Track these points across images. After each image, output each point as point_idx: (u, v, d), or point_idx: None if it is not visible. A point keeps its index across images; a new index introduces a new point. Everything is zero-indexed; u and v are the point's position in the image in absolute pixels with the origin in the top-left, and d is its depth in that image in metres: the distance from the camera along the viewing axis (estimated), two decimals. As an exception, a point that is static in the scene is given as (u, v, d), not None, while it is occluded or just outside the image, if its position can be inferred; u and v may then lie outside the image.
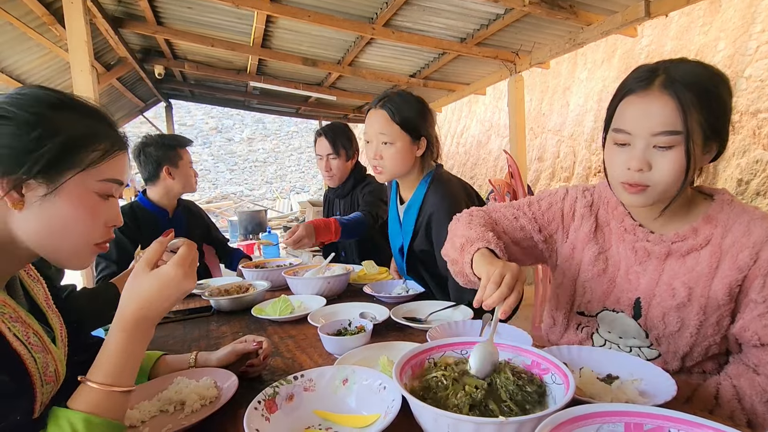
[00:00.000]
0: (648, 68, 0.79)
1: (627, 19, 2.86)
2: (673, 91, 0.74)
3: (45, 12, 3.01)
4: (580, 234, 0.98)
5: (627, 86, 0.80)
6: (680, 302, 0.82)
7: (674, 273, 0.84)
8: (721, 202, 0.84)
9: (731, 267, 0.78)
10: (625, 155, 0.79)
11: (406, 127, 1.32)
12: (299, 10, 3.22)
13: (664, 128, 0.74)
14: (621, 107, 0.81)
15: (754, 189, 3.35)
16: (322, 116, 7.74)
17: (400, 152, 1.32)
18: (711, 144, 0.78)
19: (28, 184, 0.58)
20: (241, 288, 1.51)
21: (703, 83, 0.75)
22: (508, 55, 3.83)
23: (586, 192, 1.02)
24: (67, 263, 0.66)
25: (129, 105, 6.26)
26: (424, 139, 1.34)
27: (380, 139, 1.33)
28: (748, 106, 3.49)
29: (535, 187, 5.63)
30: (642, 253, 0.88)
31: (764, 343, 0.76)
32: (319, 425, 0.70)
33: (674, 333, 0.83)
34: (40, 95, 0.61)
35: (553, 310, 1.06)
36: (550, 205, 1.04)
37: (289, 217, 9.31)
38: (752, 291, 0.77)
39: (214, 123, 14.01)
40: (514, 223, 1.03)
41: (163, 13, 3.69)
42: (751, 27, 3.61)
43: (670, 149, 0.75)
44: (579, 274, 0.98)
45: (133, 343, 0.61)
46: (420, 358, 0.76)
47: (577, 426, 0.54)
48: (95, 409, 0.57)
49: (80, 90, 2.42)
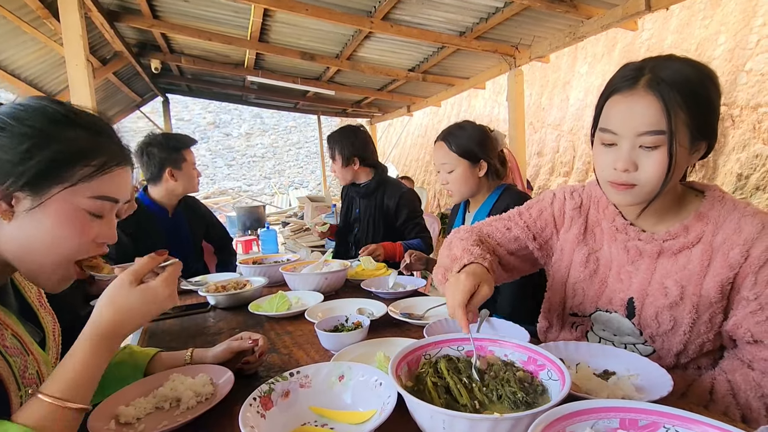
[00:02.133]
0: (634, 67, 0.78)
1: (627, 12, 2.83)
2: (658, 91, 0.73)
3: (39, 5, 2.97)
4: (569, 236, 0.98)
5: (613, 85, 0.79)
6: (673, 301, 0.82)
7: (666, 271, 0.84)
8: (712, 199, 0.83)
9: (723, 264, 0.78)
10: (612, 155, 0.79)
11: (463, 154, 1.46)
12: (297, 4, 3.19)
13: (649, 128, 0.74)
14: (607, 107, 0.80)
15: (753, 183, 3.35)
16: (321, 111, 7.70)
17: (461, 176, 1.47)
18: (699, 143, 0.78)
19: (16, 196, 0.58)
20: (238, 284, 1.50)
21: (690, 83, 0.74)
22: (507, 49, 3.80)
23: (574, 193, 1.01)
24: (45, 282, 0.63)
25: (126, 100, 6.22)
26: (483, 161, 1.47)
27: (444, 168, 1.50)
28: (748, 100, 3.47)
29: (534, 182, 5.63)
30: (634, 253, 0.88)
31: (757, 340, 0.76)
32: (315, 422, 0.70)
33: (668, 331, 0.83)
34: (43, 109, 0.60)
35: (546, 313, 1.06)
36: (540, 211, 1.04)
37: (287, 212, 9.29)
38: (744, 288, 0.77)
39: (212, 118, 13.94)
40: (507, 234, 1.04)
41: (159, 6, 3.66)
42: (752, 20, 3.59)
43: (655, 149, 0.75)
44: (569, 276, 0.98)
45: (98, 356, 0.59)
46: (416, 355, 0.76)
47: (573, 422, 0.54)
48: (40, 423, 0.53)
49: (75, 84, 2.41)
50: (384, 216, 2.11)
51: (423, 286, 1.53)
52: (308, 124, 14.39)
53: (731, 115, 3.58)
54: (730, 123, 3.58)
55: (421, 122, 9.75)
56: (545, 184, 5.51)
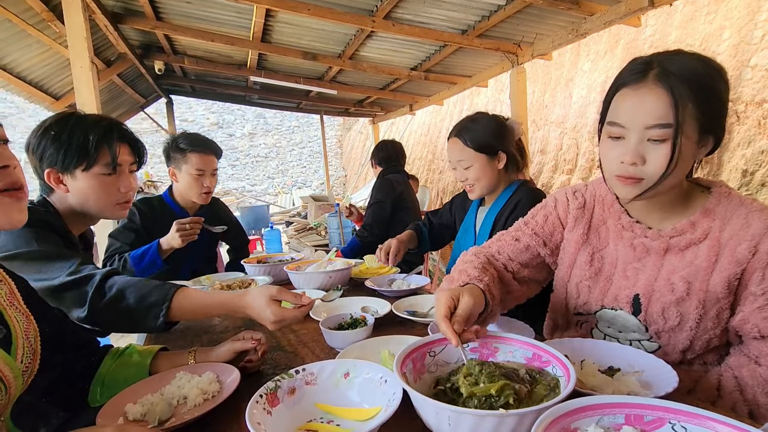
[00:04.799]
0: (642, 61, 0.79)
1: (630, 8, 2.81)
2: (667, 84, 0.73)
3: (44, 8, 2.99)
4: (574, 236, 0.98)
5: (621, 79, 0.80)
6: (679, 297, 0.81)
7: (673, 268, 0.84)
8: (719, 195, 0.83)
9: (730, 260, 0.78)
10: (620, 149, 0.79)
11: (480, 148, 1.42)
12: (299, 4, 3.19)
13: (658, 121, 0.74)
14: (615, 100, 0.80)
15: (759, 180, 3.32)
16: (324, 111, 7.70)
17: (481, 171, 1.43)
18: (707, 137, 0.78)
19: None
20: (243, 283, 1.51)
21: (699, 77, 0.74)
22: (509, 47, 3.79)
23: (576, 193, 1.01)
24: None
25: (130, 101, 6.25)
26: (501, 153, 1.43)
27: (460, 165, 1.46)
28: (753, 96, 3.45)
29: (537, 181, 5.61)
30: (641, 250, 0.88)
31: (764, 335, 0.76)
32: (321, 418, 0.71)
33: (674, 327, 0.83)
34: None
35: (551, 312, 1.07)
36: (545, 217, 1.04)
37: (291, 212, 9.31)
38: (751, 284, 0.77)
39: (215, 118, 13.98)
40: (517, 245, 1.03)
41: (162, 8, 3.67)
42: (756, 15, 3.56)
43: (663, 142, 0.75)
44: (572, 276, 0.98)
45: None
46: (421, 352, 0.76)
47: (578, 418, 0.54)
48: None
49: (80, 86, 2.42)
50: None
51: (427, 284, 1.53)
52: (311, 123, 14.40)
53: (736, 111, 3.56)
54: (735, 119, 3.56)
55: (423, 121, 9.73)
56: (548, 182, 5.49)
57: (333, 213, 4.86)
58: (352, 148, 13.80)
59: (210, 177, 1.81)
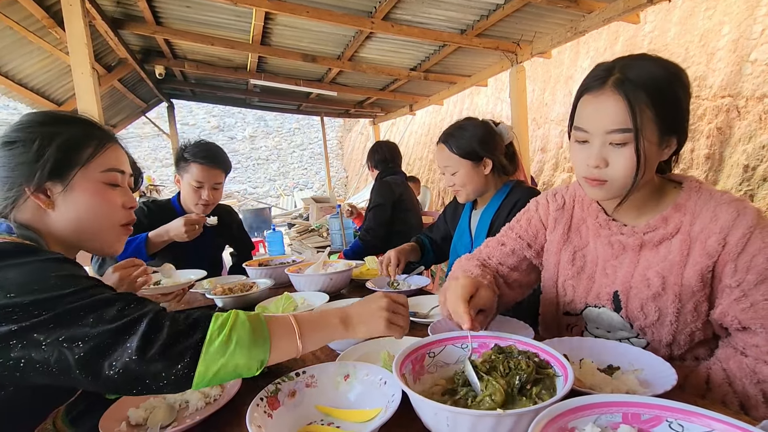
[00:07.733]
0: (605, 67, 0.81)
1: (629, 5, 2.81)
2: (623, 90, 0.76)
3: (44, 15, 3.01)
4: (555, 237, 1.01)
5: (585, 85, 0.83)
6: (655, 292, 0.83)
7: (648, 263, 0.86)
8: (689, 190, 0.85)
9: (701, 253, 0.79)
10: (585, 152, 0.82)
11: (464, 155, 1.44)
12: (297, 6, 3.20)
13: (617, 126, 0.77)
14: (579, 105, 0.84)
15: (760, 175, 3.31)
16: (324, 112, 7.71)
17: (465, 176, 1.46)
18: (669, 139, 0.80)
19: (47, 186, 0.72)
20: (244, 286, 1.52)
21: (657, 81, 0.76)
22: (509, 46, 3.79)
23: (556, 195, 1.04)
24: (106, 248, 0.82)
25: (131, 106, 6.28)
26: (486, 159, 1.45)
27: (447, 170, 1.48)
28: (753, 91, 3.43)
29: (538, 178, 5.60)
30: (618, 247, 0.90)
31: (745, 327, 0.76)
32: (321, 420, 0.71)
33: (654, 322, 0.84)
34: (31, 117, 0.75)
35: (542, 316, 1.08)
36: (528, 221, 1.07)
37: (293, 214, 9.32)
38: (725, 276, 0.78)
39: (216, 122, 14.01)
40: (504, 249, 1.06)
41: (162, 12, 3.69)
42: (755, 10, 3.54)
43: (624, 146, 0.78)
44: (558, 275, 1.00)
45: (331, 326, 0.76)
46: (420, 353, 0.76)
47: (575, 417, 0.55)
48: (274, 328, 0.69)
49: (82, 92, 2.43)
50: None
51: (428, 284, 1.53)
52: (311, 125, 14.41)
53: (737, 106, 3.54)
54: (736, 114, 3.54)
55: (423, 121, 9.73)
56: (549, 180, 5.48)
57: (335, 214, 4.87)
58: (353, 149, 13.82)
59: (211, 191, 1.75)
